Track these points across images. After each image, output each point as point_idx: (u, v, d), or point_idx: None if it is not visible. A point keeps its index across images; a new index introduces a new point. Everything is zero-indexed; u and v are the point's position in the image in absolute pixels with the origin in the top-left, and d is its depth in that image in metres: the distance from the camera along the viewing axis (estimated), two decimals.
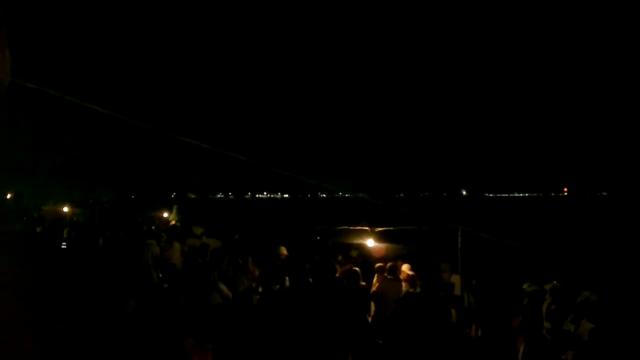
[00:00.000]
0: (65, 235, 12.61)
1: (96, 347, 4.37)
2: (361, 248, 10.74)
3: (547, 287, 7.37)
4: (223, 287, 6.79)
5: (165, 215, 19.53)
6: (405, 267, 8.47)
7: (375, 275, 8.54)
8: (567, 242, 26.97)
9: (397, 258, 9.38)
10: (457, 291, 7.98)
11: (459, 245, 7.51)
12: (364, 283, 7.94)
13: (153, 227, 16.18)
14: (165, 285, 7.09)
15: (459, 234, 7.47)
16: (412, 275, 8.21)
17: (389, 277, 8.31)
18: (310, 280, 7.98)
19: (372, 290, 8.30)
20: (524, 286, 7.58)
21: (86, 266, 7.36)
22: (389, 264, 8.52)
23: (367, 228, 10.49)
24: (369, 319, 7.70)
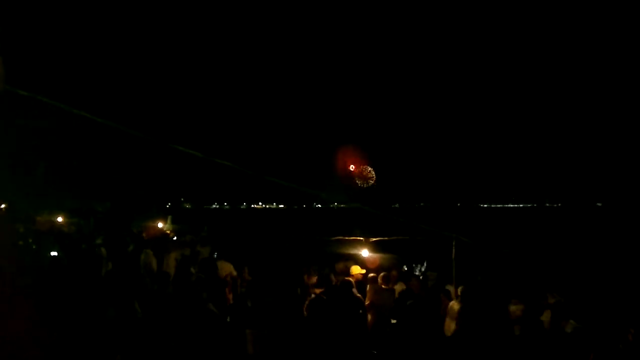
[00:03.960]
0: (57, 246, 12.50)
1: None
2: (355, 258, 10.73)
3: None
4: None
5: (160, 225, 19.42)
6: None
7: (368, 286, 8.51)
8: (561, 253, 27.03)
9: (391, 268, 9.37)
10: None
11: (453, 255, 7.53)
12: (359, 295, 7.92)
13: (144, 235, 16.03)
14: (160, 295, 7.06)
15: (453, 244, 7.49)
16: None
17: (382, 286, 8.30)
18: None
19: (366, 302, 8.27)
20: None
21: (77, 276, 7.31)
22: (382, 274, 8.51)
23: (361, 238, 10.50)
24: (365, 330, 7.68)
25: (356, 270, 8.99)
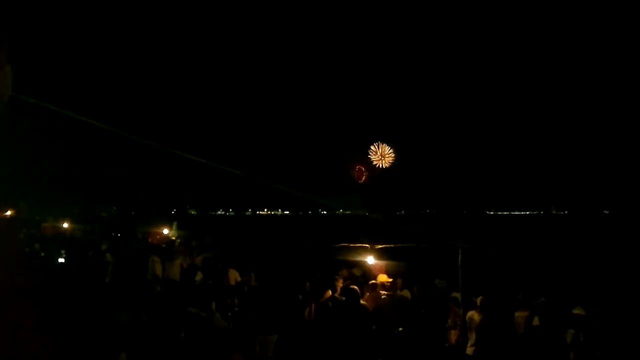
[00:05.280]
0: (63, 252, 12.54)
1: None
2: (360, 265, 10.67)
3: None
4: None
5: (166, 231, 19.43)
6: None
7: (368, 292, 8.45)
8: (568, 261, 26.87)
9: (396, 276, 9.33)
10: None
11: (460, 263, 7.47)
12: (364, 302, 7.87)
13: (150, 240, 16.08)
14: (164, 301, 7.05)
15: (460, 251, 7.44)
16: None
17: (382, 293, 8.27)
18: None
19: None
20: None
21: (84, 281, 7.34)
22: (380, 281, 8.49)
23: (367, 245, 10.44)
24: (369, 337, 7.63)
25: (383, 278, 8.90)
